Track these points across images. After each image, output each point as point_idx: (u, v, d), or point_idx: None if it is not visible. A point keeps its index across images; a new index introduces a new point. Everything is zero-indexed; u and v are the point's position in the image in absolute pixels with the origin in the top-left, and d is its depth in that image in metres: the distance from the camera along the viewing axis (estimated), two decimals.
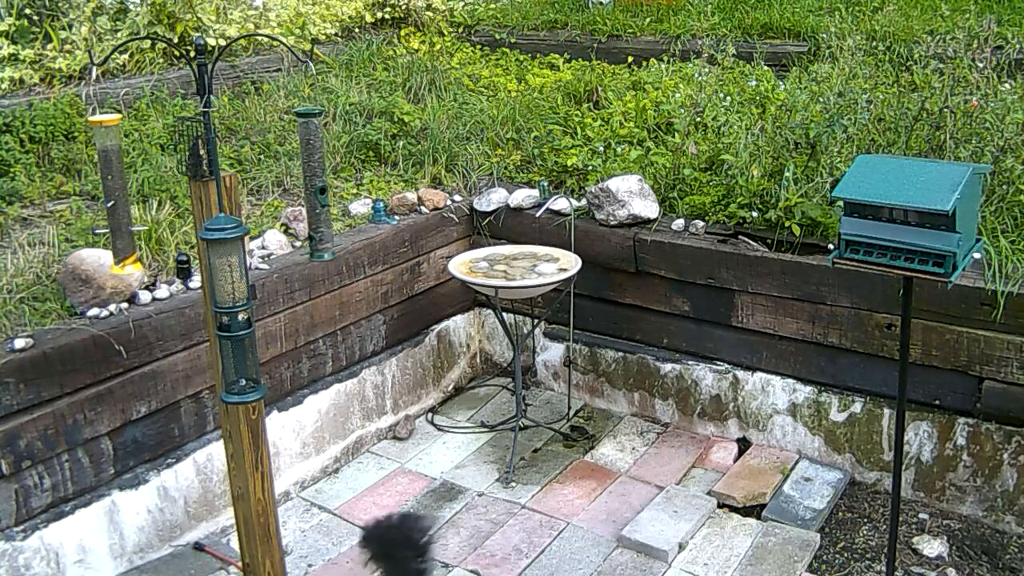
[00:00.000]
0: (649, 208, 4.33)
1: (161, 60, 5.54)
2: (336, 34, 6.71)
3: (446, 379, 4.85)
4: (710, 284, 4.13)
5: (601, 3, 7.51)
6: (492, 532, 3.74)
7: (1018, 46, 4.51)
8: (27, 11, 5.36)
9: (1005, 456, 3.57)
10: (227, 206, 2.54)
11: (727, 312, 4.14)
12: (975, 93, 4.05)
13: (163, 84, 5.32)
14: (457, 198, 4.85)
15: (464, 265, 4.26)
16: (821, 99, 4.45)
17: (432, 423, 4.61)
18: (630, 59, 6.53)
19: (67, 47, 5.24)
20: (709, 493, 3.88)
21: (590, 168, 4.82)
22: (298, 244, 4.15)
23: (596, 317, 4.58)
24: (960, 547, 3.54)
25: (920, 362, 3.67)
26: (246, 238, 3.08)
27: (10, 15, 5.22)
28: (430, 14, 7.36)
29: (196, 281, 3.58)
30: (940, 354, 3.64)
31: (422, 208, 4.67)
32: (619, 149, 5.00)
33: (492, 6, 7.85)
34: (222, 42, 5.56)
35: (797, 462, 4.05)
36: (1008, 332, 3.46)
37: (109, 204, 3.03)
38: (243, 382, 2.37)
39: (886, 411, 3.82)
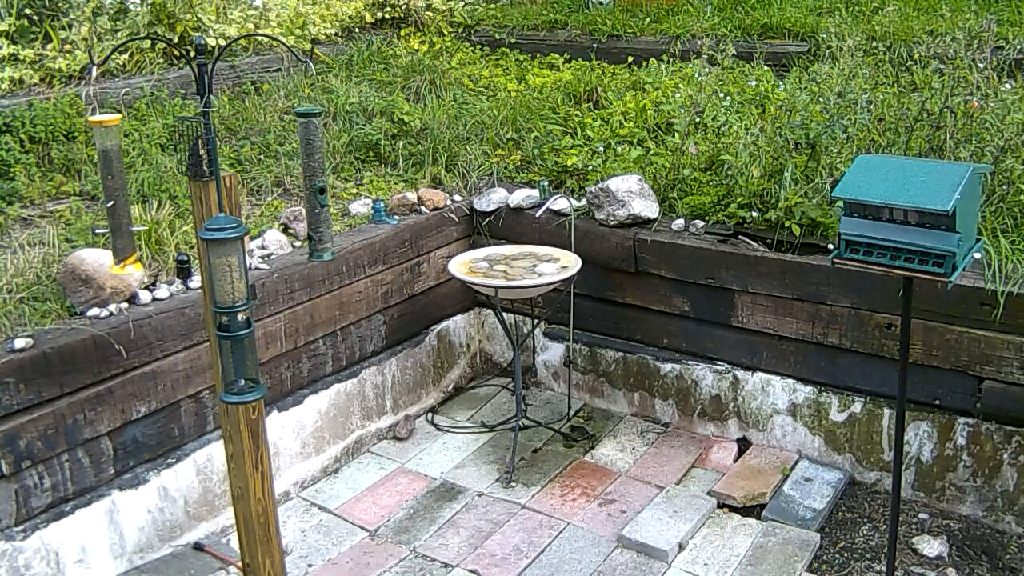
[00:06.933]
0: (649, 208, 4.33)
1: (161, 60, 5.54)
2: (336, 34, 6.71)
3: (446, 379, 4.84)
4: (710, 284, 4.13)
5: (601, 3, 7.52)
6: (492, 532, 3.74)
7: (1018, 46, 4.51)
8: (27, 11, 5.36)
9: (1005, 456, 3.57)
10: (227, 206, 2.54)
11: (727, 312, 4.14)
12: (975, 94, 4.05)
13: (163, 84, 5.32)
14: (457, 198, 4.85)
15: (464, 265, 4.26)
16: (821, 99, 4.45)
17: (432, 423, 4.61)
18: (630, 59, 6.54)
19: (67, 47, 5.25)
20: (709, 493, 3.88)
21: (590, 168, 4.82)
22: (298, 244, 4.15)
23: (596, 317, 4.58)
24: (960, 547, 3.54)
25: (920, 362, 3.67)
26: (246, 238, 3.08)
27: (10, 15, 5.22)
28: (430, 14, 7.36)
29: (196, 281, 3.58)
30: (940, 354, 3.64)
31: (422, 208, 4.67)
32: (619, 149, 5.00)
33: (492, 6, 7.86)
34: (222, 42, 5.56)
35: (797, 462, 4.05)
36: (1008, 332, 3.46)
37: (109, 204, 3.02)
38: (243, 382, 2.37)
39: (886, 411, 3.82)
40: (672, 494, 3.87)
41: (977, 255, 3.52)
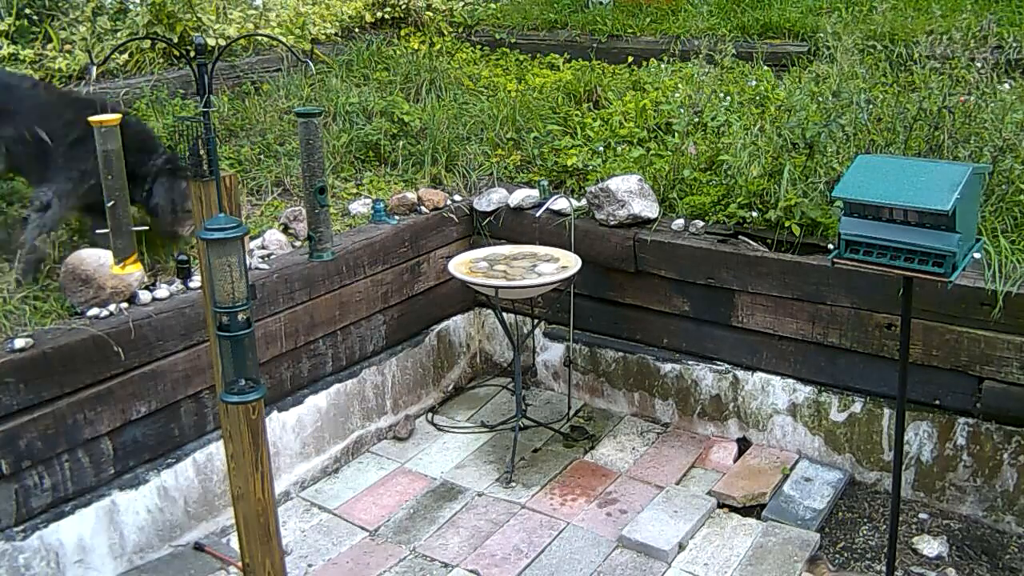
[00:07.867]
0: (649, 208, 4.33)
1: (161, 60, 5.54)
2: (336, 34, 6.71)
3: (446, 379, 4.85)
4: (710, 284, 4.13)
5: (601, 3, 7.52)
6: (492, 532, 3.74)
7: (1016, 46, 4.51)
8: (27, 11, 5.37)
9: (1005, 456, 3.57)
10: (227, 206, 2.54)
11: (727, 312, 4.14)
12: (974, 93, 4.05)
13: (163, 84, 5.31)
14: (457, 198, 4.85)
15: (464, 265, 4.26)
16: (819, 99, 4.45)
17: (432, 423, 4.61)
18: (630, 59, 6.54)
19: (67, 47, 5.25)
20: (709, 493, 3.88)
21: (590, 168, 4.82)
22: (298, 244, 4.15)
23: (596, 317, 4.58)
24: (960, 547, 3.54)
25: (920, 362, 3.67)
26: (246, 238, 3.08)
27: (10, 15, 5.22)
28: (430, 14, 7.36)
29: (196, 281, 3.59)
30: (940, 354, 3.64)
31: (422, 208, 4.67)
32: (619, 149, 5.00)
33: (492, 6, 7.86)
34: (222, 42, 5.56)
35: (797, 462, 4.05)
36: (1008, 332, 3.46)
37: (109, 204, 3.03)
38: (243, 382, 2.38)
39: (886, 411, 3.82)
40: (672, 494, 3.87)
41: (977, 255, 3.52)
